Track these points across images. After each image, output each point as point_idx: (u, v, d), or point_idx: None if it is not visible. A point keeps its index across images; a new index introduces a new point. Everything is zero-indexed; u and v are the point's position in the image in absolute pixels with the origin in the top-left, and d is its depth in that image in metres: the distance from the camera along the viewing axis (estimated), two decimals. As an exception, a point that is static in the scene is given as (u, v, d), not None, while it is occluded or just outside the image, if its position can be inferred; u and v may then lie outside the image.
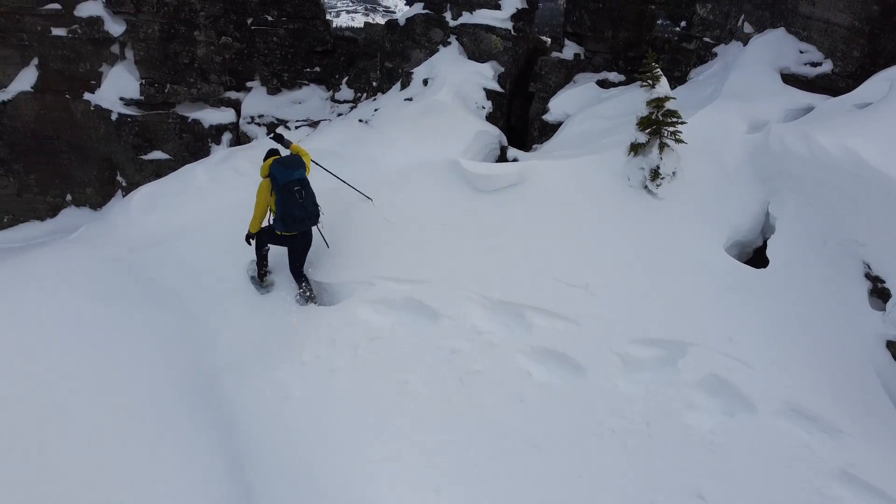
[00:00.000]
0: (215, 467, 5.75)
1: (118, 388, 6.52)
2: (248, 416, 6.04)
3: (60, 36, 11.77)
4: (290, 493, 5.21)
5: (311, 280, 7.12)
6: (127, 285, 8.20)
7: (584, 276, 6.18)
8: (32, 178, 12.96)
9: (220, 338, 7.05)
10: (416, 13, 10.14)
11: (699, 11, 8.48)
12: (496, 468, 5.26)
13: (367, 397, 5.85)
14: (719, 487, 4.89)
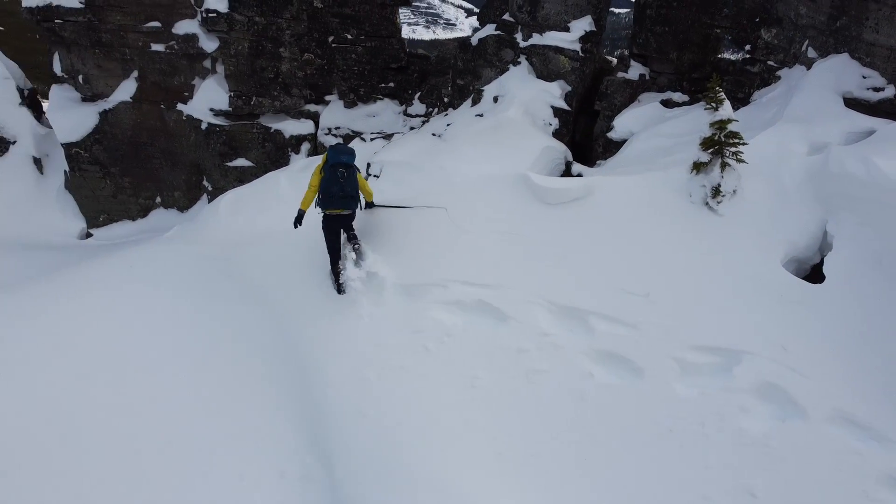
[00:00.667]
0: (301, 440, 6.42)
1: (215, 370, 7.26)
2: (332, 401, 6.65)
3: (159, 51, 12.75)
4: (377, 466, 5.77)
5: (385, 280, 7.67)
6: (220, 280, 8.97)
7: (646, 285, 6.56)
8: (127, 181, 14.00)
9: (302, 331, 7.71)
10: (488, 34, 10.67)
11: (764, 36, 8.74)
12: (558, 457, 5.68)
13: (441, 389, 6.37)
14: (771, 487, 5.19)
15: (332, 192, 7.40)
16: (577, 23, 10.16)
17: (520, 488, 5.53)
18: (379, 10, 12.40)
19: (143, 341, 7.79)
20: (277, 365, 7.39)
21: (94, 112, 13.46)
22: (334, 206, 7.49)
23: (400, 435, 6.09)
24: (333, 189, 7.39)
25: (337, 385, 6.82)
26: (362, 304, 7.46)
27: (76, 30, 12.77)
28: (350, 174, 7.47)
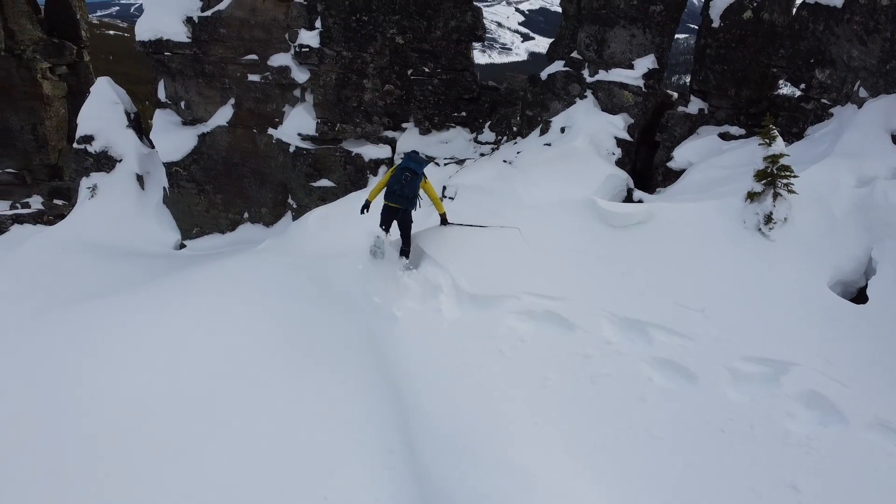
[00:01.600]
0: (387, 427, 7.31)
1: (311, 366, 8.25)
2: (416, 394, 7.52)
3: (255, 81, 14.06)
4: (456, 451, 6.60)
5: (463, 291, 8.55)
6: (312, 287, 9.99)
7: (701, 301, 7.24)
8: (219, 197, 15.32)
9: (389, 333, 8.63)
10: (557, 70, 11.55)
11: (818, 76, 9.36)
12: (620, 451, 6.39)
13: (515, 388, 7.17)
14: (812, 482, 5.79)
15: (393, 188, 8.73)
16: (641, 61, 10.96)
17: (586, 475, 6.26)
18: (454, 46, 13.45)
19: (248, 339, 8.84)
20: (366, 362, 8.32)
21: (193, 135, 14.87)
22: (391, 199, 8.85)
23: (477, 425, 6.89)
24: (395, 186, 8.71)
25: (420, 380, 7.69)
26: (444, 311, 8.37)
27: (182, 61, 14.22)
28: (412, 179, 8.71)
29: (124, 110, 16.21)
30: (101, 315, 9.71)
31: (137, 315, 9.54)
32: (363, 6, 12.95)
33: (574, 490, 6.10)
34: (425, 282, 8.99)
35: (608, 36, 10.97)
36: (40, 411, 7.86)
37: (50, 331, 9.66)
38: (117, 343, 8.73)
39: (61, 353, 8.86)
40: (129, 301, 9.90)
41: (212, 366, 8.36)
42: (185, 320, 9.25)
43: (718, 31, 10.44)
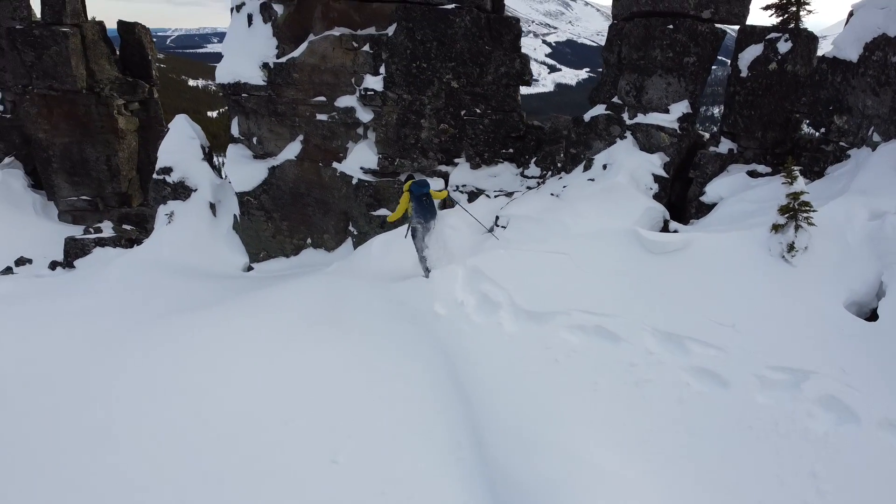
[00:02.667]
0: (457, 424, 8.43)
1: (386, 374, 9.43)
2: (482, 397, 8.65)
3: (323, 120, 15.50)
4: (518, 443, 7.71)
5: (520, 307, 9.70)
6: (383, 304, 11.21)
7: (732, 318, 8.27)
8: (285, 224, 16.71)
9: (456, 344, 9.79)
10: (599, 113, 12.77)
11: (836, 122, 10.42)
12: (661, 443, 7.42)
13: (569, 391, 8.27)
14: (829, 471, 6.75)
15: (423, 214, 10.98)
16: (676, 106, 12.12)
17: (632, 463, 7.31)
18: (504, 90, 14.77)
19: (333, 352, 10.06)
20: (436, 370, 9.48)
21: (264, 167, 16.31)
22: (422, 219, 10.99)
23: (538, 422, 7.98)
24: (423, 212, 10.96)
25: (486, 385, 8.81)
26: (504, 325, 9.53)
27: (257, 102, 15.73)
28: (430, 200, 10.96)
29: (200, 144, 17.78)
30: (203, 325, 11.07)
31: (234, 324, 10.88)
32: (423, 54, 14.36)
33: (621, 474, 7.14)
34: (486, 300, 10.17)
35: (646, 84, 12.19)
36: (167, 409, 9.14)
37: (156, 340, 11.01)
38: (224, 349, 10.04)
39: (172, 361, 10.16)
40: (227, 311, 11.23)
41: (303, 374, 9.58)
42: (275, 331, 10.55)
43: (746, 80, 11.59)
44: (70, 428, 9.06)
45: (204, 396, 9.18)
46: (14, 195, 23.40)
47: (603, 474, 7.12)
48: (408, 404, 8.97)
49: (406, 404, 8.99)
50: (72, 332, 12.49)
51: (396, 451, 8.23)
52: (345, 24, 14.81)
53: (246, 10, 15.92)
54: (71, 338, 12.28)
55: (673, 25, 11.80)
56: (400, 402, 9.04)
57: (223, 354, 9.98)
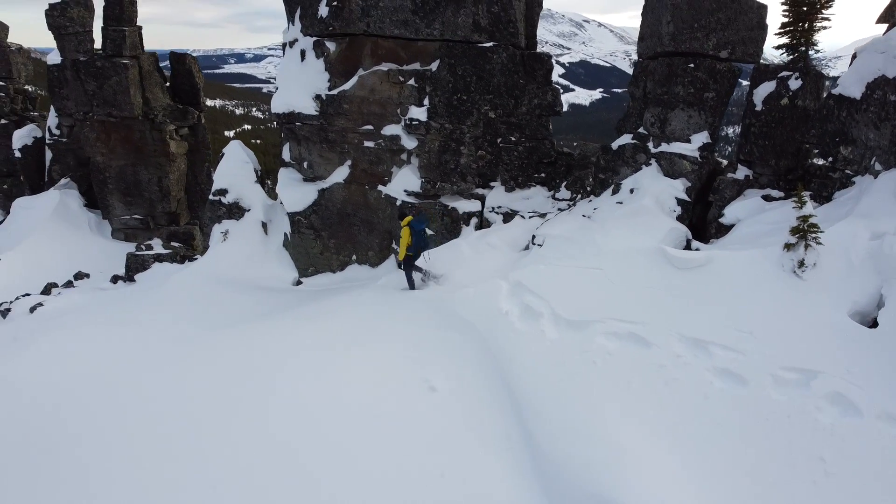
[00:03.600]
0: (507, 418, 9.60)
1: (440, 376, 10.62)
2: (529, 394, 9.83)
3: (370, 146, 16.82)
4: (563, 433, 8.86)
5: (560, 316, 10.88)
6: (433, 314, 12.43)
7: (750, 325, 9.38)
8: (332, 242, 18.01)
9: (502, 348, 11.00)
10: (626, 142, 13.98)
11: (842, 152, 11.54)
12: (688, 432, 8.50)
13: (606, 389, 9.42)
14: (834, 456, 7.79)
15: (419, 244, 13.60)
16: (697, 136, 13.31)
17: (663, 448, 8.43)
18: (536, 120, 16.06)
19: (391, 354, 11.27)
20: (486, 371, 10.67)
21: (314, 189, 17.65)
22: (419, 250, 13.67)
23: (579, 415, 9.14)
24: (420, 243, 13.63)
25: (531, 384, 10.01)
26: (546, 332, 10.73)
27: (310, 130, 17.11)
28: (424, 232, 13.71)
29: (253, 168, 19.20)
30: (269, 331, 12.36)
31: (300, 331, 12.14)
32: (463, 88, 15.69)
33: (655, 457, 8.27)
34: (528, 309, 11.38)
35: (669, 116, 13.40)
36: (251, 405, 10.37)
37: (230, 345, 12.29)
38: (297, 350, 11.30)
39: (247, 364, 11.42)
40: (296, 318, 12.51)
41: (366, 375, 10.79)
42: (340, 335, 11.80)
43: (761, 113, 12.78)
44: (160, 418, 10.32)
45: (295, 390, 10.42)
46: (71, 214, 24.98)
47: (637, 458, 8.27)
48: (460, 401, 10.16)
49: (459, 401, 10.17)
50: (146, 338, 13.81)
51: (452, 440, 9.42)
52: (392, 60, 16.20)
53: (299, 45, 17.37)
54: (146, 343, 13.59)
55: (694, 64, 13.03)
56: (453, 400, 10.23)
57: (299, 355, 11.23)
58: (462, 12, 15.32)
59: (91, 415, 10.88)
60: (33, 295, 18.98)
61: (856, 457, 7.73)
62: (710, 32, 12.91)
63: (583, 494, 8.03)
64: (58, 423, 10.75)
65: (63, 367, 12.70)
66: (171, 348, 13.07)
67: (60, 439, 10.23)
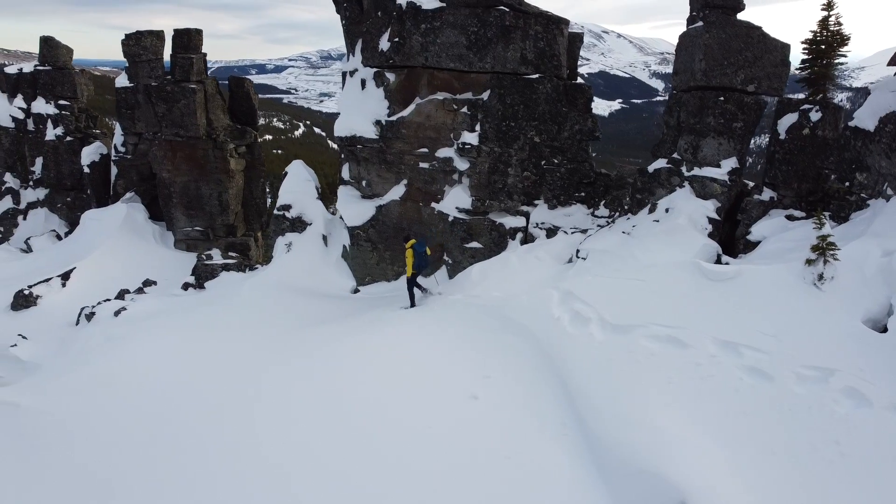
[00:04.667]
0: (560, 406, 11.08)
1: (498, 373, 12.14)
2: (579, 388, 11.31)
3: (424, 167, 18.44)
4: (612, 419, 10.32)
5: (607, 321, 12.37)
6: (489, 319, 13.97)
7: (775, 329, 10.73)
8: (388, 254, 19.62)
9: (552, 348, 12.50)
10: (661, 166, 15.45)
11: (858, 177, 12.91)
12: (721, 420, 9.82)
13: (650, 384, 10.85)
14: (848, 439, 8.98)
15: (420, 265, 15.39)
16: (726, 161, 14.75)
17: (699, 431, 9.79)
18: (577, 144, 17.60)
19: (457, 355, 12.82)
20: (541, 368, 12.17)
21: (372, 206, 19.30)
22: (421, 269, 15.44)
23: (626, 405, 10.58)
24: (421, 264, 15.39)
25: (583, 379, 11.44)
26: (594, 335, 12.22)
27: (369, 152, 18.79)
28: (425, 254, 15.50)
29: (314, 186, 20.93)
30: (348, 333, 13.98)
31: (375, 335, 13.75)
32: (511, 115, 17.29)
33: (692, 439, 9.64)
34: (578, 315, 12.86)
35: (701, 143, 14.88)
36: (330, 398, 11.96)
37: (313, 344, 13.92)
38: (375, 351, 12.91)
39: (323, 362, 13.03)
40: (372, 323, 14.12)
41: (434, 372, 12.35)
42: (409, 339, 13.39)
43: (784, 141, 14.21)
44: (252, 403, 11.97)
45: (377, 383, 12.03)
46: (137, 226, 26.84)
47: (677, 440, 9.64)
48: (521, 394, 11.65)
49: (519, 394, 11.67)
50: (231, 339, 15.50)
51: (516, 427, 10.91)
52: (446, 90, 17.85)
53: (359, 75, 19.10)
54: (232, 342, 15.28)
55: (723, 97, 14.50)
56: (514, 393, 11.72)
57: (377, 357, 12.83)
58: (511, 48, 16.95)
59: (193, 401, 12.61)
60: (113, 300, 20.80)
61: (866, 441, 8.99)
62: (738, 69, 14.39)
63: (631, 470, 9.43)
64: (163, 406, 12.57)
65: (164, 363, 14.45)
66: (253, 349, 14.73)
67: (167, 422, 12.00)
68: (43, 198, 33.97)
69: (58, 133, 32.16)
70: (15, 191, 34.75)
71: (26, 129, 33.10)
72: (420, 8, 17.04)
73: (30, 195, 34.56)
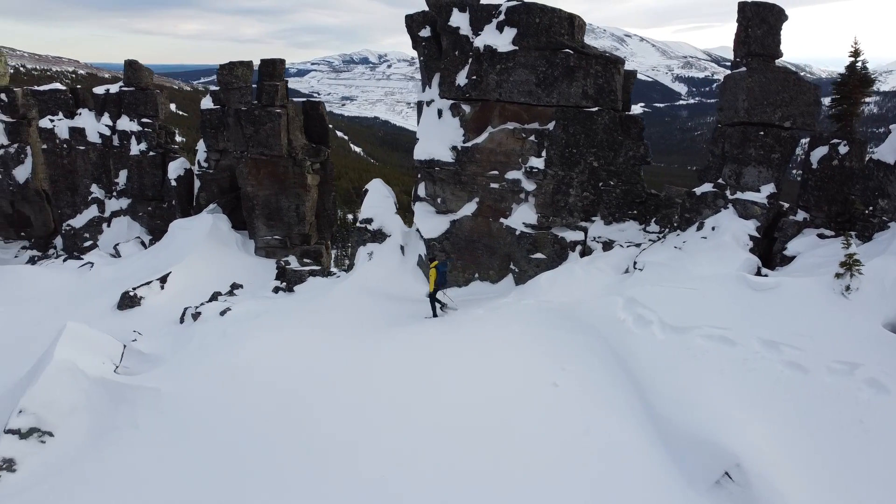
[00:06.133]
0: (628, 392, 13.43)
1: (573, 365, 14.51)
2: (644, 377, 13.65)
3: (495, 187, 20.89)
4: (674, 402, 12.63)
5: (666, 323, 14.68)
6: (564, 321, 16.36)
7: (809, 331, 12.87)
8: (459, 263, 22.08)
9: (618, 345, 14.84)
10: (707, 190, 17.74)
11: (881, 203, 15.04)
12: (765, 404, 11.96)
13: (705, 374, 13.09)
14: (869, 417, 11.01)
15: (440, 282, 17.81)
16: (765, 187, 16.97)
17: (746, 410, 12.08)
18: (630, 168, 19.91)
19: (534, 350, 15.25)
20: (609, 362, 14.51)
21: (446, 220, 21.77)
22: (443, 286, 17.63)
23: (686, 391, 12.88)
24: (441, 281, 17.86)
25: (647, 370, 13.72)
26: (655, 334, 14.56)
27: (445, 173, 21.29)
28: (445, 273, 17.95)
29: (393, 202, 23.54)
30: (435, 330, 16.46)
31: (461, 333, 16.21)
32: (573, 143, 19.69)
33: (740, 416, 11.72)
34: (640, 318, 15.17)
35: (743, 171, 17.15)
36: (428, 390, 14.40)
37: (403, 340, 16.42)
38: (462, 346, 15.36)
39: (417, 354, 15.49)
40: (459, 324, 16.60)
41: (516, 364, 14.76)
42: (490, 337, 15.84)
43: (816, 170, 16.39)
44: (361, 388, 14.45)
45: (465, 373, 14.48)
46: (222, 234, 29.61)
47: (727, 417, 11.71)
48: (594, 382, 13.97)
49: (593, 383, 13.99)
50: (334, 333, 17.98)
51: (591, 409, 13.19)
52: (516, 121, 20.31)
53: (436, 105, 21.64)
54: (336, 336, 17.74)
55: (763, 132, 16.76)
56: (588, 382, 14.04)
57: (464, 351, 15.28)
58: (574, 84, 19.36)
59: (309, 382, 15.07)
60: (217, 301, 23.41)
61: (885, 420, 10.98)
62: (776, 108, 16.64)
63: (691, 439, 11.64)
64: (283, 386, 15.05)
65: (278, 353, 16.80)
66: (357, 343, 17.19)
67: (288, 398, 14.46)
68: (125, 207, 36.89)
69: (141, 148, 35.08)
70: (100, 200, 37.72)
71: (112, 145, 36.06)
72: (496, 51, 19.54)
73: (113, 204, 37.48)
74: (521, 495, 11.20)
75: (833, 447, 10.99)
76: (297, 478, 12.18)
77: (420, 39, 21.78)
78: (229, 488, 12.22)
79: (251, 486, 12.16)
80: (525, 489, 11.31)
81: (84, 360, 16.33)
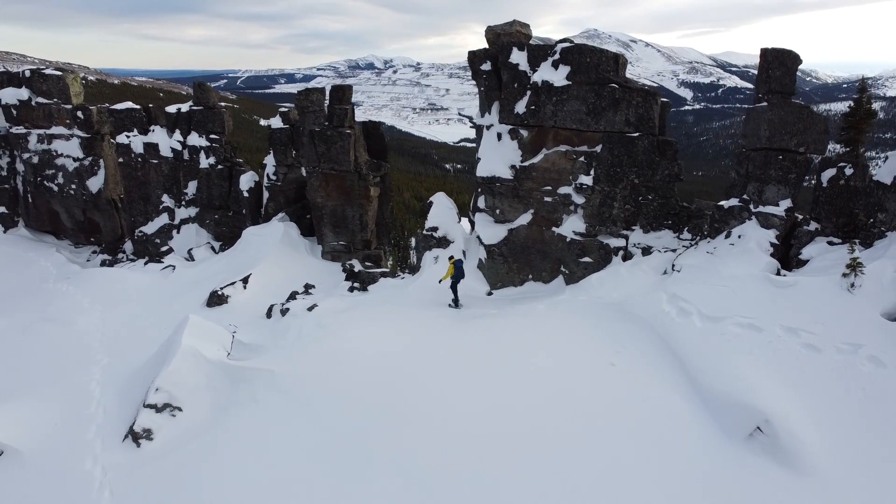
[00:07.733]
0: (674, 372, 16.53)
1: (619, 351, 17.63)
2: (686, 356, 16.73)
3: (548, 200, 24.03)
4: (714, 381, 15.70)
5: (703, 314, 17.79)
6: (614, 313, 19.45)
7: (822, 318, 15.89)
8: (515, 265, 25.18)
9: (662, 332, 17.92)
10: (734, 204, 20.82)
11: (880, 216, 17.89)
12: (788, 377, 15.13)
13: (737, 354, 16.16)
14: (871, 386, 13.75)
15: (458, 276, 20.95)
16: (783, 202, 19.93)
17: (772, 380, 15.17)
18: (666, 184, 22.98)
19: (588, 338, 18.38)
20: (657, 346, 17.61)
21: (504, 229, 24.86)
22: (461, 279, 20.40)
23: (722, 367, 15.95)
24: (459, 275, 21.36)
25: (688, 352, 16.64)
26: (695, 323, 17.64)
27: (505, 188, 24.43)
28: (462, 267, 21.80)
29: (455, 212, 26.73)
30: (505, 322, 19.59)
31: (529, 325, 19.34)
32: (617, 163, 22.81)
33: (768, 385, 14.80)
34: (682, 310, 18.25)
35: (765, 188, 20.21)
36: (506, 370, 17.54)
37: (478, 329, 19.54)
38: (538, 337, 18.49)
39: (492, 340, 18.61)
40: (525, 316, 19.76)
41: (578, 349, 17.90)
42: (553, 327, 18.97)
43: (826, 188, 19.38)
44: (452, 372, 17.56)
45: (540, 355, 17.60)
46: (292, 240, 32.79)
47: (758, 386, 14.68)
48: (645, 362, 17.03)
49: (644, 362, 17.05)
50: (420, 324, 21.06)
51: (645, 382, 16.19)
52: (567, 144, 23.44)
53: (495, 129, 24.79)
54: (422, 327, 20.82)
55: (782, 156, 19.80)
56: (641, 362, 17.09)
57: (540, 334, 18.38)
58: (619, 113, 22.50)
59: (402, 363, 18.08)
60: (295, 299, 26.49)
61: (883, 388, 13.77)
62: (793, 136, 19.70)
63: (728, 403, 14.48)
64: (381, 367, 17.79)
65: (371, 341, 19.52)
66: (436, 332, 20.20)
67: (388, 376, 17.53)
68: (193, 215, 40.19)
69: (210, 161, 38.37)
70: (170, 209, 41.05)
71: (182, 159, 39.34)
72: (553, 85, 22.72)
73: (182, 213, 40.76)
74: (600, 443, 14.20)
75: (841, 408, 13.75)
76: (416, 451, 14.27)
77: (481, 73, 24.96)
78: (350, 453, 15.19)
79: (372, 449, 14.77)
80: (604, 440, 14.33)
81: (204, 347, 18.97)
